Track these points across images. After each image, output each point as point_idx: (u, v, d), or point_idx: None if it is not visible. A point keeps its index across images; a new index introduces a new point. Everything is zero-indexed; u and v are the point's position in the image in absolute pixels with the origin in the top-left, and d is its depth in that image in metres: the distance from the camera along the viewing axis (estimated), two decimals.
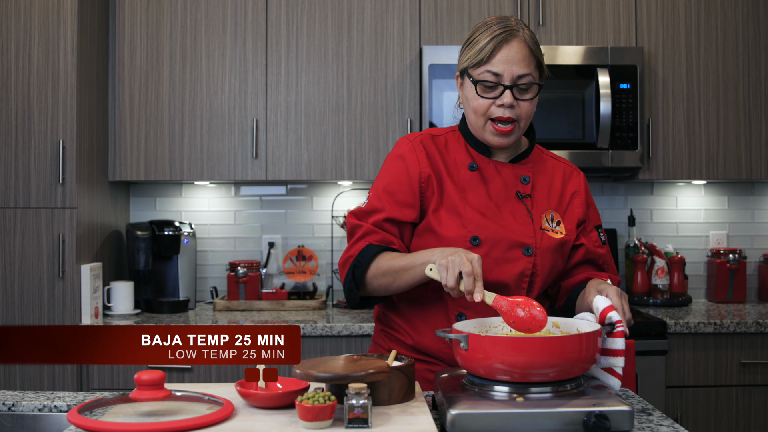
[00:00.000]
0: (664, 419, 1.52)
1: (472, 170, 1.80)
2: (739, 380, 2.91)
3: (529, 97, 1.74)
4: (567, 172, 1.89)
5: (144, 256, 3.23)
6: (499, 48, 1.71)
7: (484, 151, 1.82)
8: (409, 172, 1.79)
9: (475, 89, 1.74)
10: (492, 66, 1.72)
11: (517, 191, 1.80)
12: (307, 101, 3.20)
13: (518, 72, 1.72)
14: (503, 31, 1.72)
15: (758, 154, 3.24)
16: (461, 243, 1.73)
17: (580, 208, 1.85)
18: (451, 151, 1.83)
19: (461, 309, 1.75)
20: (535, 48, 1.75)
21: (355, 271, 1.73)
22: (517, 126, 1.75)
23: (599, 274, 1.86)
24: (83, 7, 2.94)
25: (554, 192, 1.84)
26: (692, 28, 3.24)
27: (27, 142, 2.89)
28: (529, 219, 1.78)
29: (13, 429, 1.66)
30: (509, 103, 1.72)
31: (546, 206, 1.82)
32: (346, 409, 1.34)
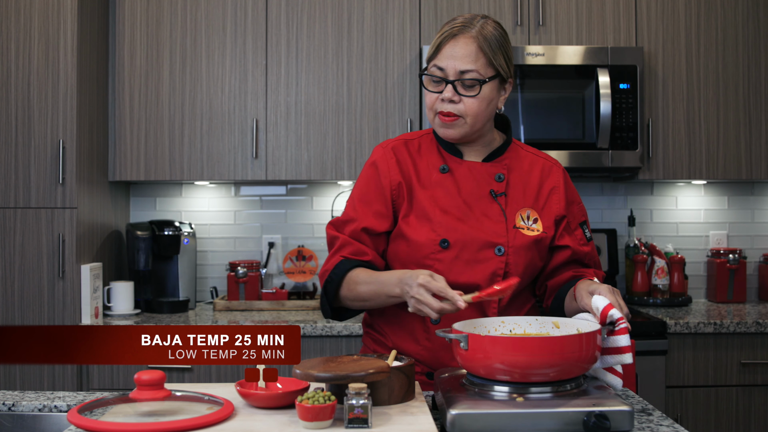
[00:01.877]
0: (664, 419, 1.52)
1: (443, 172, 1.81)
2: (739, 380, 2.91)
3: (473, 93, 1.73)
4: (546, 168, 1.86)
5: (144, 256, 3.23)
6: (446, 43, 1.74)
7: (456, 152, 1.83)
8: (381, 181, 1.80)
9: (422, 83, 1.78)
10: (438, 60, 1.75)
11: (490, 190, 1.79)
12: (307, 101, 3.20)
13: (461, 67, 1.72)
14: (455, 27, 1.75)
15: (758, 154, 3.24)
16: (431, 247, 1.73)
17: (558, 204, 1.83)
18: (423, 155, 1.84)
19: None
20: (487, 45, 1.74)
21: (328, 288, 1.77)
22: (463, 122, 1.75)
23: (585, 271, 1.85)
24: (83, 7, 2.94)
25: (531, 189, 1.82)
26: (692, 28, 3.24)
27: (27, 142, 2.89)
28: (502, 218, 1.77)
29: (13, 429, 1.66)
30: (449, 97, 1.73)
31: (522, 204, 1.80)
32: (346, 409, 1.34)
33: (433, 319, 1.64)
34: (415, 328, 1.78)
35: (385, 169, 1.81)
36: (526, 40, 3.20)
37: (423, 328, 1.77)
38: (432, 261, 1.74)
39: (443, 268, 1.73)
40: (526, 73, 3.13)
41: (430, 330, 1.76)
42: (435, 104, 1.76)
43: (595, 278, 1.74)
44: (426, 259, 1.74)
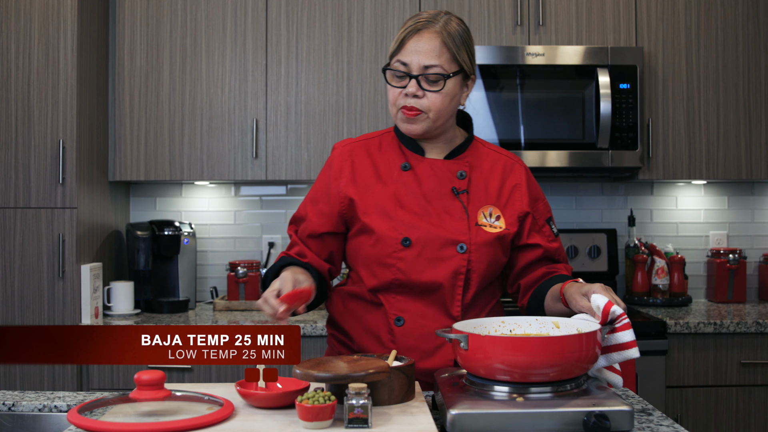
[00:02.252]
0: (664, 419, 1.52)
1: (405, 170, 1.80)
2: (739, 380, 2.91)
3: (437, 89, 1.73)
4: (508, 165, 1.86)
5: (144, 256, 3.23)
6: (409, 38, 1.73)
7: (418, 150, 1.82)
8: (330, 184, 1.81)
9: (386, 78, 1.77)
10: (402, 56, 1.74)
11: (452, 187, 1.79)
12: (307, 101, 3.20)
13: (424, 62, 1.72)
14: (419, 23, 1.74)
15: (758, 154, 3.24)
16: (393, 245, 1.73)
17: (521, 201, 1.83)
18: (384, 153, 1.83)
19: (399, 313, 1.76)
20: (451, 41, 1.73)
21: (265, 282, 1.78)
22: (426, 117, 1.75)
23: (556, 267, 1.86)
24: (83, 7, 2.94)
25: (493, 186, 1.82)
26: (692, 28, 3.24)
27: (27, 142, 2.89)
28: (464, 215, 1.77)
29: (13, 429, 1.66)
30: (412, 92, 1.73)
31: (484, 201, 1.80)
32: (346, 409, 1.34)
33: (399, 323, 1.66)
34: (380, 330, 1.77)
35: (338, 167, 1.82)
36: (526, 40, 3.20)
37: (388, 329, 1.77)
38: (394, 260, 1.74)
39: (406, 267, 1.73)
40: (526, 73, 3.13)
41: (395, 332, 1.75)
42: (398, 99, 1.75)
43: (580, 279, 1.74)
44: (388, 258, 1.74)
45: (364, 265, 1.79)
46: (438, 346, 1.75)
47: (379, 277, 1.76)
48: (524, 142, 3.10)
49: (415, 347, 1.74)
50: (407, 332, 1.75)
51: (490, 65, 3.11)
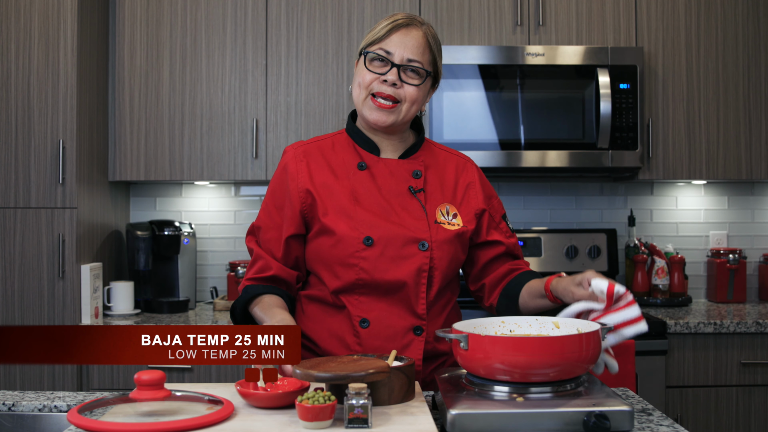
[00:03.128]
0: (664, 419, 1.52)
1: (362, 170, 1.80)
2: (739, 380, 2.91)
3: (416, 83, 1.76)
4: (460, 164, 1.89)
5: (144, 256, 3.23)
6: (397, 30, 1.76)
7: (373, 150, 1.83)
8: (289, 185, 1.80)
9: (365, 63, 1.77)
10: (386, 44, 1.75)
11: (409, 186, 1.80)
12: (307, 101, 3.20)
13: (409, 56, 1.75)
14: (403, 19, 1.77)
15: (758, 154, 3.24)
16: (355, 245, 1.73)
17: (477, 198, 1.85)
18: (338, 153, 1.83)
19: (363, 314, 1.75)
20: (435, 45, 1.79)
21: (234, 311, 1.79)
22: (399, 108, 1.77)
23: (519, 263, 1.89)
24: (83, 7, 2.94)
25: (448, 184, 1.84)
26: (692, 28, 3.24)
27: (27, 142, 2.89)
28: (423, 213, 1.78)
29: (13, 429, 1.66)
30: (393, 80, 1.74)
31: (440, 199, 1.82)
32: (346, 409, 1.34)
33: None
34: (344, 333, 1.77)
35: (294, 169, 1.80)
36: (526, 40, 3.20)
37: (352, 332, 1.76)
38: (357, 259, 1.73)
39: (369, 266, 1.72)
40: (526, 73, 3.13)
41: (360, 334, 1.75)
42: (373, 84, 1.76)
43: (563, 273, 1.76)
44: (351, 258, 1.73)
45: (325, 267, 1.78)
46: (406, 345, 1.75)
47: (341, 278, 1.75)
48: (524, 142, 3.10)
49: (382, 348, 1.74)
50: (373, 333, 1.74)
51: (490, 65, 3.11)
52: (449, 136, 3.10)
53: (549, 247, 3.42)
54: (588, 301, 1.59)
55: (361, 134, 1.83)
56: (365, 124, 1.82)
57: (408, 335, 1.75)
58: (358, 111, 1.83)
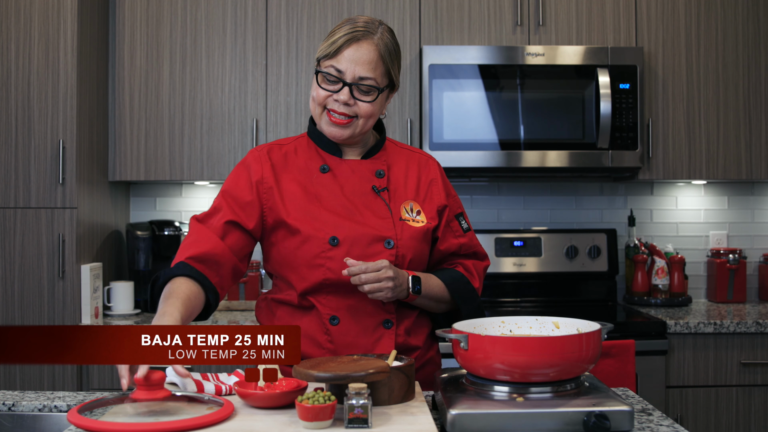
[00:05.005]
0: (664, 419, 1.52)
1: (324, 172, 1.81)
2: (739, 380, 2.91)
3: (369, 99, 1.76)
4: (422, 162, 1.91)
5: (144, 256, 3.23)
6: (348, 45, 1.74)
7: (335, 152, 1.84)
8: (251, 179, 1.79)
9: (316, 79, 1.77)
10: (337, 62, 1.75)
11: (372, 186, 1.81)
12: (307, 101, 3.20)
13: (360, 74, 1.74)
14: (357, 30, 1.75)
15: (758, 154, 3.24)
16: (321, 246, 1.73)
17: (439, 195, 1.88)
18: (301, 157, 1.84)
19: (333, 312, 1.76)
20: (387, 55, 1.77)
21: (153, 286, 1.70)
22: (354, 122, 1.77)
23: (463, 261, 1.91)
24: (83, 7, 2.94)
25: (411, 182, 1.86)
26: (692, 28, 3.24)
27: (27, 142, 2.89)
28: (387, 212, 1.79)
29: (13, 429, 1.66)
30: (344, 100, 1.75)
31: (404, 197, 1.83)
32: (346, 409, 1.34)
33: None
34: (315, 332, 1.77)
35: (258, 169, 1.80)
36: (526, 40, 3.20)
37: (323, 330, 1.76)
38: (323, 260, 1.73)
39: (336, 266, 1.73)
40: (526, 73, 3.13)
41: (331, 332, 1.76)
42: (326, 101, 1.77)
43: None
44: (317, 258, 1.74)
45: (291, 270, 1.77)
46: (377, 339, 1.77)
47: (308, 279, 1.75)
48: (524, 142, 3.10)
49: (354, 343, 1.75)
50: (344, 330, 1.76)
51: (490, 65, 3.11)
52: (449, 136, 3.10)
53: (549, 247, 3.42)
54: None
55: (323, 137, 1.84)
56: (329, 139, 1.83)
57: (378, 329, 1.77)
58: (318, 122, 1.83)
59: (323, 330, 1.76)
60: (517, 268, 3.40)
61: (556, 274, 3.42)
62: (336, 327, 1.76)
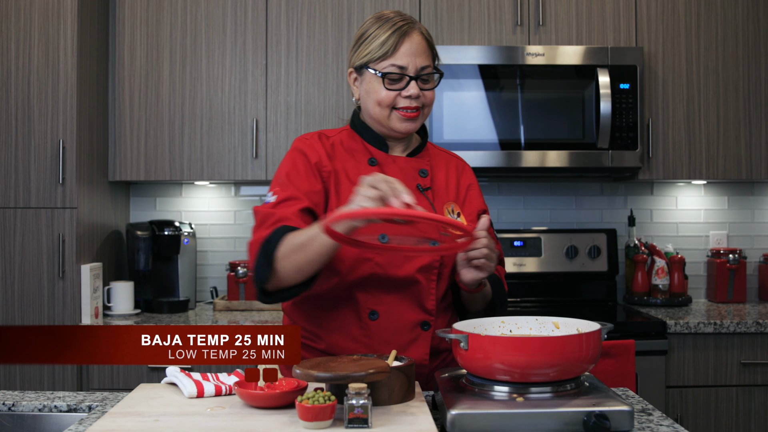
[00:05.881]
0: (664, 419, 1.52)
1: (373, 165, 1.81)
2: (739, 380, 2.91)
3: (431, 86, 1.80)
4: (459, 166, 1.93)
5: (144, 256, 3.23)
6: (402, 41, 1.76)
7: (382, 146, 1.84)
8: (311, 162, 1.77)
9: (382, 82, 1.77)
10: (396, 59, 1.76)
11: (417, 184, 1.81)
12: (307, 101, 3.20)
13: (421, 64, 1.77)
14: (403, 24, 1.77)
15: (758, 154, 3.24)
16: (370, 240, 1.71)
17: (477, 199, 1.90)
18: (347, 149, 1.83)
19: (373, 306, 1.74)
20: (431, 40, 1.82)
21: (267, 247, 1.62)
22: (421, 112, 1.80)
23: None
24: (83, 7, 2.94)
25: (451, 184, 1.87)
26: (692, 28, 3.24)
27: (27, 142, 2.89)
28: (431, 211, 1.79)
29: (13, 429, 1.66)
30: (416, 93, 1.76)
31: (446, 198, 1.84)
32: (346, 409, 1.34)
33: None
34: (351, 325, 1.75)
35: (314, 153, 1.79)
36: (526, 40, 3.20)
37: (359, 324, 1.75)
38: (372, 254, 1.73)
39: (384, 262, 1.73)
40: (526, 73, 3.13)
41: (369, 326, 1.74)
42: (394, 101, 1.77)
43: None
44: (367, 252, 1.73)
45: (338, 261, 1.76)
46: (412, 340, 1.75)
47: (355, 272, 1.74)
48: (524, 142, 3.10)
49: (390, 341, 1.74)
50: (382, 326, 1.74)
51: (490, 65, 3.11)
52: (449, 136, 3.10)
53: (549, 247, 3.42)
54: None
55: (371, 131, 1.84)
56: (388, 132, 1.82)
57: (416, 330, 1.76)
58: (379, 122, 1.81)
59: (359, 324, 1.75)
60: (517, 268, 3.40)
61: (556, 274, 3.42)
62: (374, 322, 1.74)
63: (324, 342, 1.79)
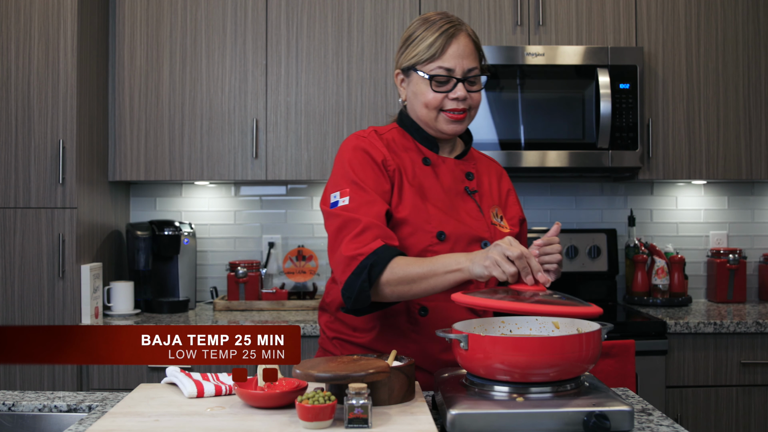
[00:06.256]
0: (664, 419, 1.52)
1: (427, 165, 1.82)
2: (739, 380, 2.91)
3: (477, 88, 1.80)
4: (498, 171, 1.95)
5: (144, 256, 3.23)
6: (449, 44, 1.76)
7: (432, 146, 1.84)
8: (377, 161, 1.76)
9: (429, 84, 1.76)
10: (443, 62, 1.76)
11: (465, 187, 1.83)
12: (307, 101, 3.20)
13: (468, 66, 1.77)
14: (450, 26, 1.78)
15: (758, 154, 3.24)
16: (429, 238, 1.73)
17: (517, 205, 1.92)
18: (400, 147, 1.83)
19: (424, 302, 1.75)
20: (477, 41, 1.83)
21: (372, 272, 1.60)
22: (468, 114, 1.81)
23: None
24: (83, 7, 2.94)
25: (493, 189, 1.89)
26: (692, 28, 3.24)
27: (27, 142, 2.89)
28: (480, 214, 1.81)
29: (13, 429, 1.66)
30: (463, 96, 1.77)
31: (491, 202, 1.86)
32: (346, 409, 1.34)
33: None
34: (400, 321, 1.76)
35: (379, 153, 1.77)
36: (526, 40, 3.20)
37: (408, 319, 1.75)
38: (430, 253, 1.73)
39: None
40: (526, 73, 3.13)
41: (419, 322, 1.75)
42: (442, 103, 1.77)
43: None
44: (425, 252, 1.74)
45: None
46: None
47: None
48: (524, 142, 3.10)
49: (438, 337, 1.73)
50: (431, 323, 1.75)
51: (490, 65, 3.09)
52: None
53: None
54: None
55: (421, 131, 1.84)
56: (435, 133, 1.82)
57: None
58: (426, 124, 1.81)
59: (408, 319, 1.76)
60: None
61: None
62: (424, 318, 1.75)
63: (368, 336, 1.78)
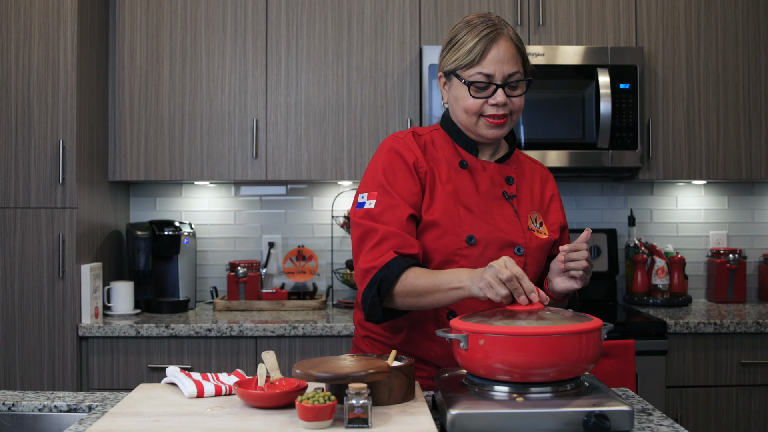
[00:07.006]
0: (664, 419, 1.52)
1: (463, 168, 1.81)
2: (739, 380, 2.91)
3: (519, 93, 1.78)
4: (543, 176, 1.92)
5: (144, 256, 3.23)
6: (489, 49, 1.73)
7: (472, 150, 1.83)
8: (408, 163, 1.76)
9: (468, 90, 1.75)
10: (483, 67, 1.74)
11: (503, 191, 1.81)
12: (307, 101, 3.20)
13: (508, 71, 1.75)
14: (490, 30, 1.74)
15: (758, 154, 3.24)
16: (458, 243, 1.73)
17: (559, 211, 1.90)
18: (438, 149, 1.83)
19: (452, 306, 1.74)
20: (520, 44, 1.79)
21: (381, 286, 1.64)
22: (509, 119, 1.79)
23: None
24: (83, 7, 2.94)
25: (535, 194, 1.87)
26: (692, 28, 3.24)
27: (27, 142, 2.89)
28: (516, 219, 1.79)
29: (13, 429, 1.66)
30: (503, 101, 1.75)
31: (530, 207, 1.84)
32: (346, 409, 1.34)
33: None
34: (429, 324, 1.76)
35: (411, 155, 1.77)
36: (526, 40, 3.20)
37: (436, 322, 1.76)
38: (459, 257, 1.73)
39: (469, 264, 1.73)
40: None
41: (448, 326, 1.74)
42: (482, 108, 1.76)
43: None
44: (453, 255, 1.73)
45: (427, 261, 1.75)
46: None
47: None
48: (524, 142, 3.10)
49: None
50: None
51: None
52: None
53: None
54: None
55: (462, 134, 1.83)
56: (476, 137, 1.81)
57: None
58: (467, 128, 1.80)
59: (436, 323, 1.75)
60: None
61: None
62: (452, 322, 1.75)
63: (397, 338, 1.80)
